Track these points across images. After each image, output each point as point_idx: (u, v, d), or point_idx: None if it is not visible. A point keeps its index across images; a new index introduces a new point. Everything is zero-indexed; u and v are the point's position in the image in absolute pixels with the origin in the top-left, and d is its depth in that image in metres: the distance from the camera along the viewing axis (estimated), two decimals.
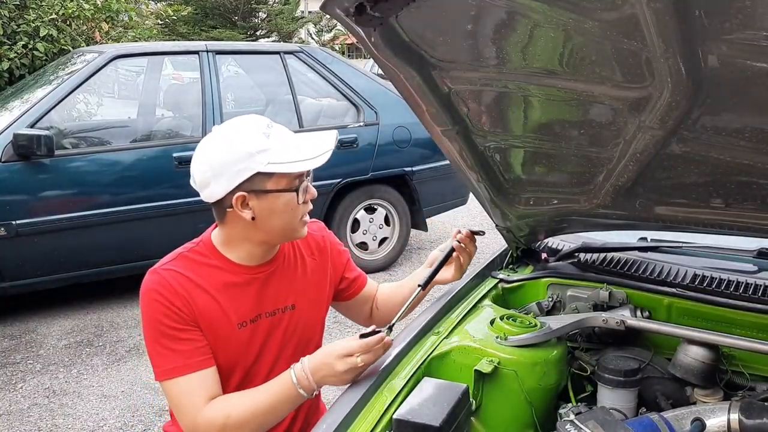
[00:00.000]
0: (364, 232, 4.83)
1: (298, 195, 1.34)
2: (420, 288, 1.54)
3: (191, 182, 1.36)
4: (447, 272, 1.61)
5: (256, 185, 1.31)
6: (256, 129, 1.32)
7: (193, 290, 1.35)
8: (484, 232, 1.65)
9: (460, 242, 1.60)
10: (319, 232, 1.60)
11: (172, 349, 1.32)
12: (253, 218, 1.33)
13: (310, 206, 1.41)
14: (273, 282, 1.45)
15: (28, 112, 3.84)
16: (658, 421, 1.27)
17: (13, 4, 6.51)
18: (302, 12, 22.62)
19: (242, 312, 1.40)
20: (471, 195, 4.29)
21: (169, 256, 1.42)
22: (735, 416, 1.25)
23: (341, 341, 1.29)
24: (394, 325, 1.38)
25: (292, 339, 1.48)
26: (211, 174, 1.30)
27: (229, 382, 1.41)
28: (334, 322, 3.85)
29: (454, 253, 1.60)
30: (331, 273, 1.57)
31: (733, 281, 1.54)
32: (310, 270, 1.53)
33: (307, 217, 1.41)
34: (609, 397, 1.41)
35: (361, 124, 4.73)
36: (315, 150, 1.34)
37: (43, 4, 6.76)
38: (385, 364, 1.30)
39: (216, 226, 1.44)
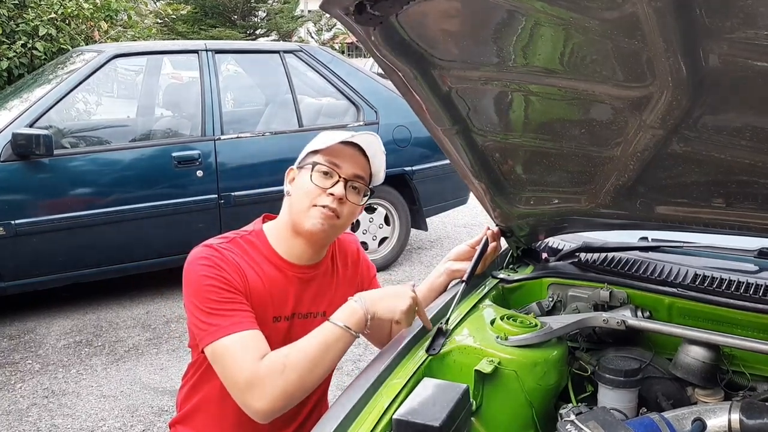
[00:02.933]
0: (364, 231, 4.83)
1: (312, 171, 1.41)
2: (464, 284, 1.58)
3: None
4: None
5: (302, 161, 1.47)
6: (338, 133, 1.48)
7: (246, 268, 1.40)
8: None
9: (492, 239, 1.71)
10: (354, 244, 1.66)
11: (227, 310, 1.33)
12: (288, 193, 1.46)
13: (326, 201, 1.41)
14: (312, 286, 1.49)
15: (27, 111, 3.84)
16: (659, 421, 1.26)
17: (12, 4, 6.50)
18: (302, 11, 22.58)
19: (280, 306, 1.43)
20: (471, 195, 4.29)
21: (220, 237, 1.46)
22: (736, 416, 1.24)
23: None
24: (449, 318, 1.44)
25: None
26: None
27: None
28: None
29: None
30: (358, 285, 1.61)
31: (734, 281, 1.54)
32: (343, 280, 1.57)
33: (323, 211, 1.41)
34: (609, 397, 1.41)
35: (361, 123, 4.72)
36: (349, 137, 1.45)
37: (42, 3, 6.76)
38: (385, 364, 1.30)
39: (264, 219, 1.54)
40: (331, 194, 1.40)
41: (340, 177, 1.41)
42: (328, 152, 1.43)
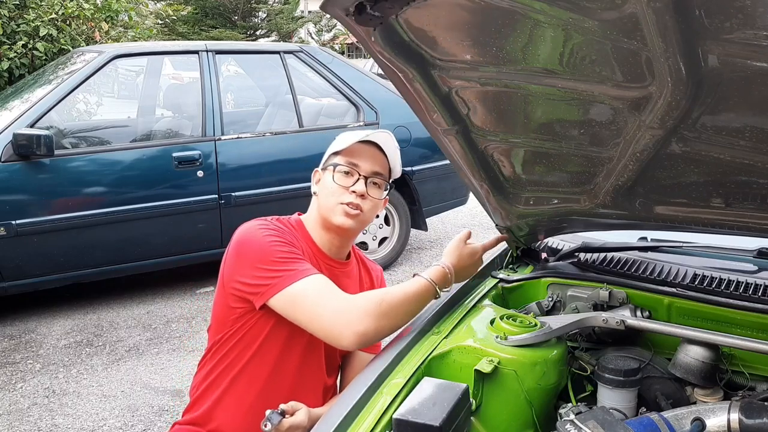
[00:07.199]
0: (364, 231, 4.83)
1: (334, 172, 1.53)
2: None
3: None
4: None
5: (325, 163, 1.59)
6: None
7: (296, 241, 1.51)
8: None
9: None
10: (379, 272, 1.79)
11: (300, 260, 1.43)
12: (315, 193, 1.59)
13: (350, 198, 1.52)
14: (335, 279, 1.54)
15: (27, 111, 3.84)
16: (658, 420, 1.26)
17: (13, 4, 6.51)
18: (302, 12, 22.60)
19: None
20: (471, 195, 4.29)
21: (263, 218, 1.55)
22: (735, 416, 1.25)
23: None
24: None
25: None
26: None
27: (292, 353, 1.50)
28: None
29: None
30: None
31: (733, 281, 1.54)
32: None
33: (347, 208, 1.52)
34: (609, 397, 1.41)
35: (361, 123, 4.72)
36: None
37: (43, 3, 6.76)
38: (385, 364, 1.30)
39: (299, 214, 1.66)
40: (353, 191, 1.52)
41: (360, 175, 1.53)
42: (347, 153, 1.55)
